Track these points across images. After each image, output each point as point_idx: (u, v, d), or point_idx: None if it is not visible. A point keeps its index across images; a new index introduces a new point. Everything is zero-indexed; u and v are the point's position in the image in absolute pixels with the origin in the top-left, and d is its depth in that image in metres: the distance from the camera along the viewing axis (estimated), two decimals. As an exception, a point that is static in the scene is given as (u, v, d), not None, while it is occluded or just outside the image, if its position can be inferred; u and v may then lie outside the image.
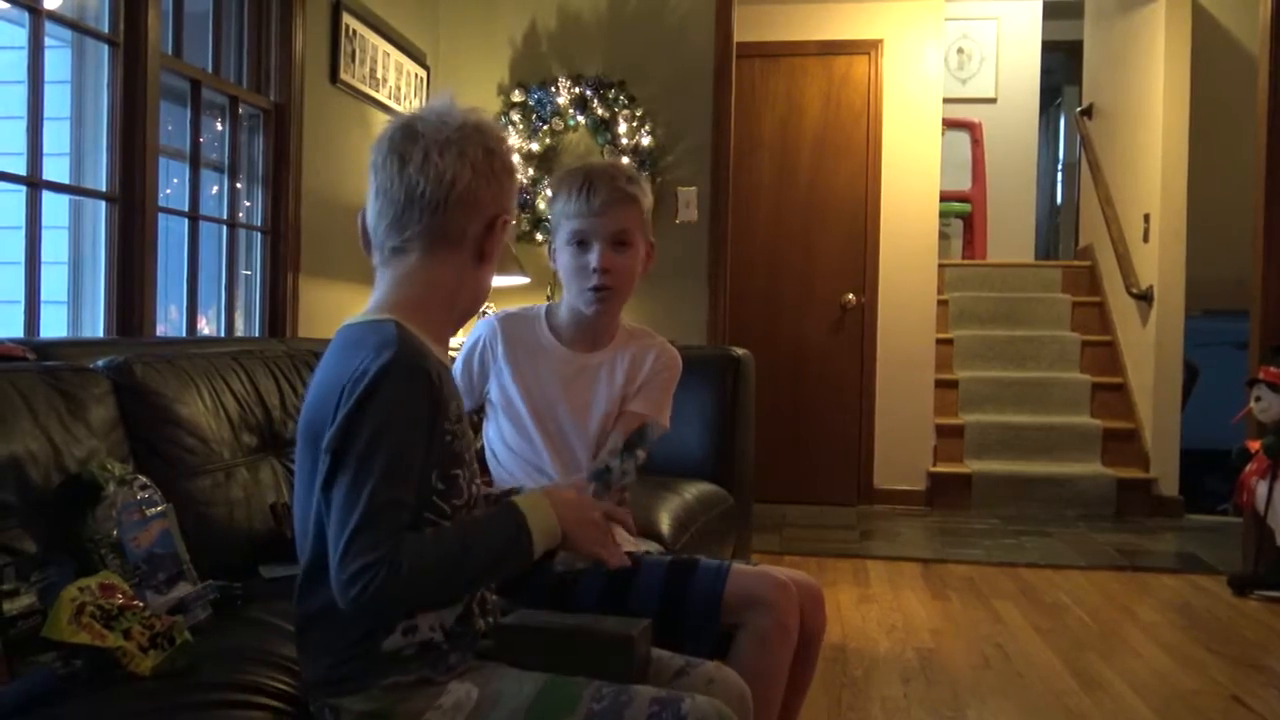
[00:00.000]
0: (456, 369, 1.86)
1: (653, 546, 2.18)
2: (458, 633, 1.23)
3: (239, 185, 3.38)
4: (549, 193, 1.89)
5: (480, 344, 1.84)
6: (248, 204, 3.44)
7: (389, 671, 1.19)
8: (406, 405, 1.13)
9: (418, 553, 1.11)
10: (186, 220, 3.12)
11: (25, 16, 2.46)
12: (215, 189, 3.33)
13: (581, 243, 1.77)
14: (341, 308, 3.70)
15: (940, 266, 5.93)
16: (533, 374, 1.82)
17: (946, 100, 5.73)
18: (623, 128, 4.52)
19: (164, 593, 1.55)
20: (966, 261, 7.05)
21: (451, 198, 1.23)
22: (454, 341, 1.85)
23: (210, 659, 1.37)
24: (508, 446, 1.83)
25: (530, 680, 1.20)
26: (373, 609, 1.11)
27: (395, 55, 4.21)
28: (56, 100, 2.66)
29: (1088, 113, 6.69)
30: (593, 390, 1.84)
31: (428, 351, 1.20)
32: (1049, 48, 7.62)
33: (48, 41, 2.50)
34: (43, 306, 2.50)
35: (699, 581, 1.67)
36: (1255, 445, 3.72)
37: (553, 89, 4.59)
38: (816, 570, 3.96)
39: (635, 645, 1.32)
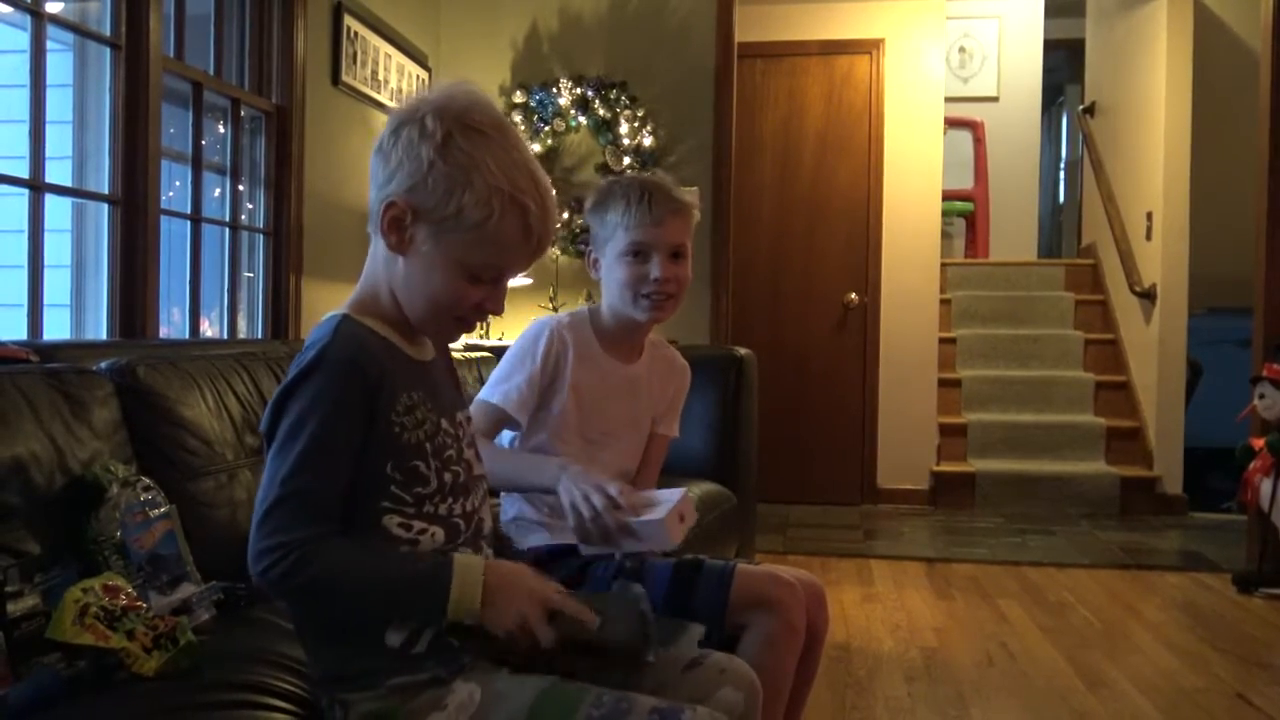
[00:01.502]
0: (529, 371, 1.78)
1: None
2: (467, 629, 1.23)
3: (241, 187, 3.38)
4: (591, 202, 1.87)
5: (553, 354, 1.80)
6: (250, 206, 3.45)
7: (399, 670, 1.18)
8: (333, 394, 1.14)
9: (333, 556, 1.12)
10: (189, 222, 3.13)
11: (27, 20, 2.47)
12: (217, 191, 3.34)
13: (639, 254, 1.77)
14: (344, 309, 3.70)
15: (943, 265, 5.93)
16: (587, 384, 1.82)
17: (948, 99, 5.73)
18: (624, 128, 4.53)
19: (167, 594, 1.55)
20: (969, 260, 7.05)
21: (371, 175, 1.21)
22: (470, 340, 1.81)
23: (214, 660, 1.37)
24: (540, 447, 1.82)
25: (530, 683, 1.20)
26: (278, 590, 1.13)
27: (397, 57, 4.22)
28: (59, 103, 2.67)
29: (1090, 111, 6.69)
30: (637, 402, 1.89)
31: (371, 344, 1.19)
32: (1051, 46, 7.61)
33: (50, 45, 2.51)
34: (46, 309, 2.50)
35: (705, 583, 1.67)
36: (1259, 443, 3.72)
37: (554, 90, 4.59)
38: (820, 570, 3.96)
39: (642, 655, 1.30)
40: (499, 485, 1.75)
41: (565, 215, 4.59)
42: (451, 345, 1.44)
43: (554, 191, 1.23)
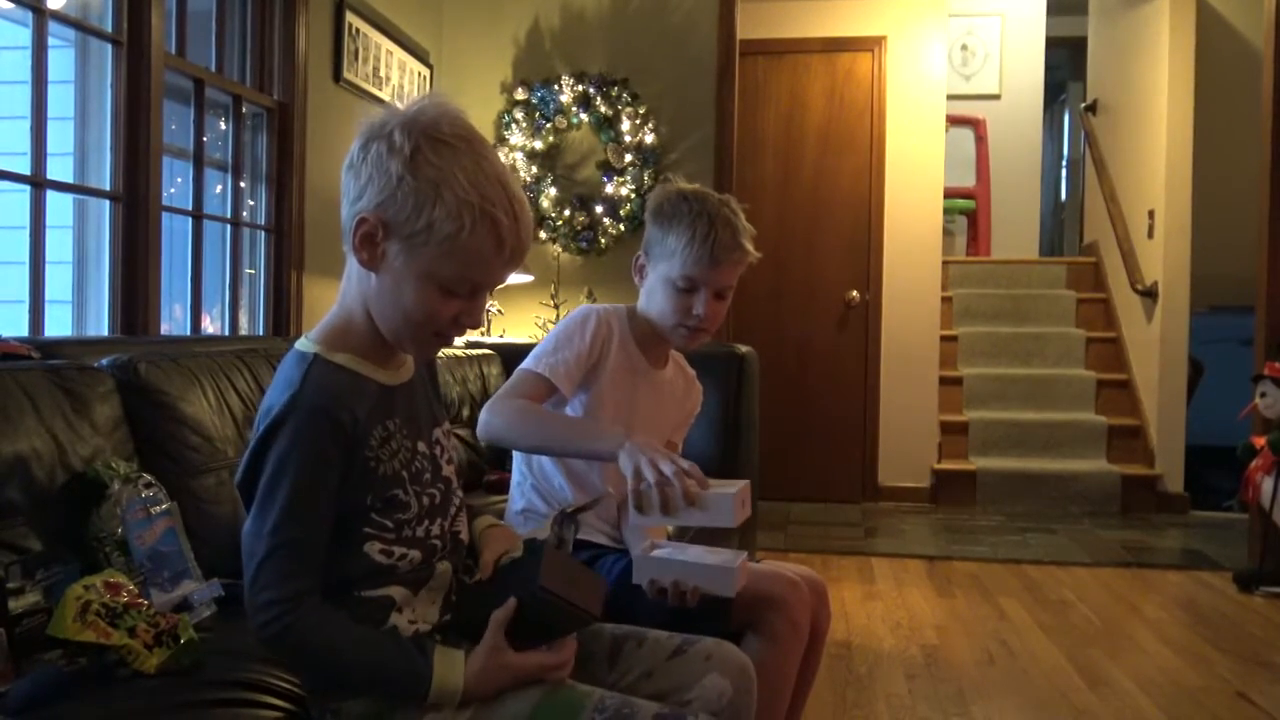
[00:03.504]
0: (578, 349, 1.77)
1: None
2: (445, 625, 1.23)
3: (243, 184, 3.38)
4: (654, 209, 1.87)
5: (600, 338, 1.81)
6: (251, 203, 3.44)
7: None
8: (308, 443, 1.13)
9: (325, 629, 1.13)
10: (190, 219, 3.13)
11: (29, 16, 2.47)
12: (219, 188, 3.34)
13: (688, 289, 1.78)
14: (345, 306, 3.70)
15: (944, 263, 5.92)
16: (623, 376, 1.83)
17: (950, 97, 5.72)
18: (626, 125, 4.53)
19: (169, 591, 1.56)
20: (971, 258, 7.05)
21: (343, 190, 1.20)
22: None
23: (215, 657, 1.37)
24: None
25: (532, 687, 1.20)
26: (272, 648, 1.16)
27: (399, 54, 4.21)
28: (60, 100, 2.67)
29: (1092, 109, 6.68)
30: (661, 407, 1.90)
31: (341, 386, 1.17)
32: (1053, 44, 7.60)
33: (51, 41, 2.51)
34: (47, 305, 2.50)
35: None
36: (1260, 441, 3.72)
37: (556, 87, 4.59)
38: (821, 567, 3.96)
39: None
40: (540, 447, 1.74)
41: (567, 212, 4.58)
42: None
43: (528, 203, 1.20)
